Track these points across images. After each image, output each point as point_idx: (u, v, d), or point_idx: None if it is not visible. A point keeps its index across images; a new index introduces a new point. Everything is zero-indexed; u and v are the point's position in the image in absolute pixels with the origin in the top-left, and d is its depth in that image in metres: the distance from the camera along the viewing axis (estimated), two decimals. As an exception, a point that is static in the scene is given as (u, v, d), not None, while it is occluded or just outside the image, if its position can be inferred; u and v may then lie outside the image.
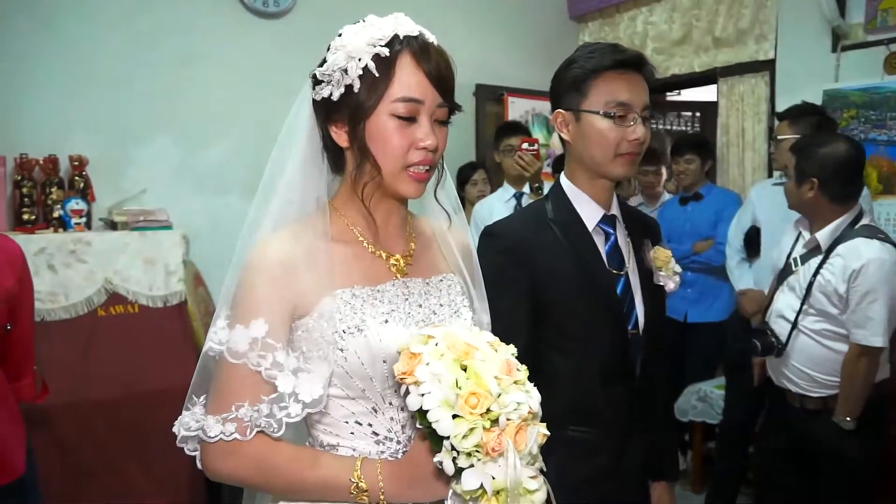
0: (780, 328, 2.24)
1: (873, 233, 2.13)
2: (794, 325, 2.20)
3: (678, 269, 1.57)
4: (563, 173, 1.56)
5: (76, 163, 3.03)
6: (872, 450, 2.18)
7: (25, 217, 2.93)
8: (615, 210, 1.54)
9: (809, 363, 2.18)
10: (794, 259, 2.27)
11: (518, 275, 1.41)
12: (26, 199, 2.95)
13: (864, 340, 2.05)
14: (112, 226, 3.06)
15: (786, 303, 2.25)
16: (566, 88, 1.46)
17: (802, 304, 2.17)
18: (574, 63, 1.45)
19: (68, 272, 2.80)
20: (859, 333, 2.06)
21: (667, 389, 1.72)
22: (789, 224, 2.42)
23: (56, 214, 2.96)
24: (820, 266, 2.15)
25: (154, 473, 2.67)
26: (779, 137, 2.81)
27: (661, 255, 1.55)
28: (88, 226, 3.01)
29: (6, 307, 1.79)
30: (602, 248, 1.50)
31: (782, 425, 2.33)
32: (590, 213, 1.50)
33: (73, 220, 2.94)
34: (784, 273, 2.31)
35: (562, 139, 1.52)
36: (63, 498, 2.36)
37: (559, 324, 1.46)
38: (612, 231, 1.52)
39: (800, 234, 2.32)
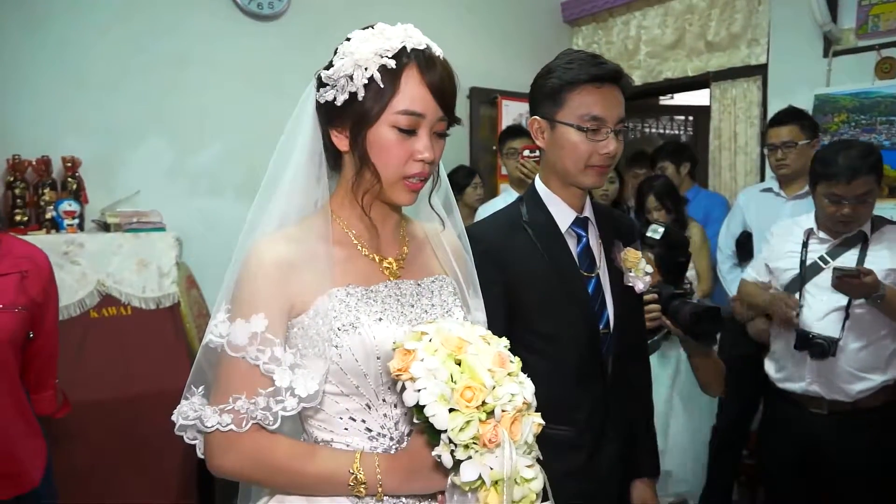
0: (827, 329, 2.18)
1: (885, 219, 2.25)
2: (846, 320, 2.16)
3: (649, 269, 1.60)
4: (537, 176, 1.60)
5: (69, 164, 3.02)
6: (892, 450, 2.19)
7: (18, 218, 2.91)
8: (588, 212, 1.58)
9: (857, 361, 2.16)
10: (822, 257, 2.24)
11: (493, 276, 1.43)
12: (18, 201, 2.93)
13: None
14: (105, 227, 3.05)
15: (825, 303, 2.21)
16: (543, 97, 1.50)
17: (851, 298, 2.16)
18: (552, 72, 1.49)
19: (61, 274, 2.76)
20: None
21: (646, 387, 1.74)
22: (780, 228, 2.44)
23: (48, 216, 2.94)
24: (863, 253, 2.18)
25: (146, 475, 2.65)
26: (799, 143, 2.80)
27: (630, 257, 1.58)
28: (81, 227, 2.99)
29: (29, 315, 1.79)
30: (574, 250, 1.53)
31: (794, 435, 2.29)
32: (563, 215, 1.54)
33: (66, 222, 2.92)
34: (808, 274, 2.26)
35: (537, 145, 1.56)
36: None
37: (532, 324, 1.49)
38: (583, 233, 1.56)
39: (809, 235, 2.30)
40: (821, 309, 2.21)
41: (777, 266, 2.39)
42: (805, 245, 2.29)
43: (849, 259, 2.19)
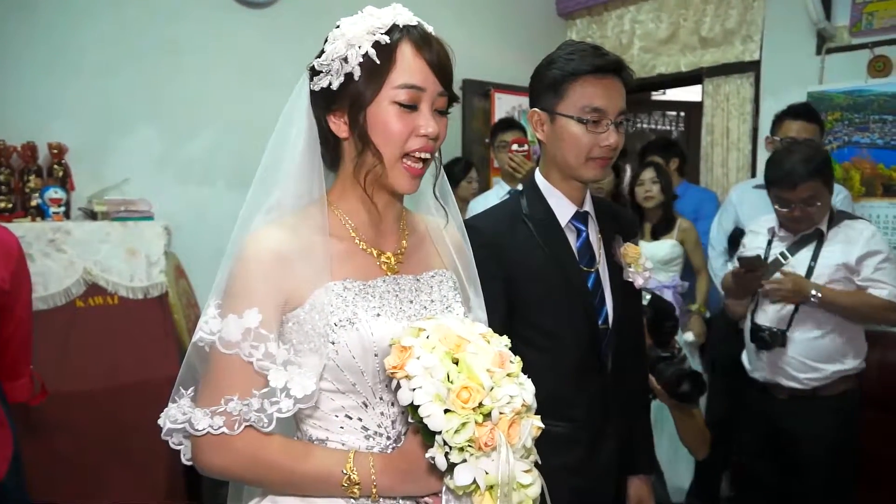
0: (781, 321, 2.29)
1: (847, 215, 2.36)
2: (795, 313, 2.26)
3: (649, 265, 1.60)
4: (537, 169, 1.58)
5: (55, 150, 2.96)
6: (850, 437, 2.29)
7: (2, 205, 2.86)
8: (588, 206, 1.56)
9: (808, 351, 2.26)
10: (782, 253, 2.33)
11: (494, 270, 1.42)
12: (3, 187, 2.87)
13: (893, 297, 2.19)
14: (92, 215, 3.00)
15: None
16: (543, 88, 1.48)
17: None
18: (553, 64, 1.47)
19: (47, 262, 2.74)
20: (886, 291, 2.20)
21: (642, 384, 1.74)
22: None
23: (34, 203, 2.89)
24: (818, 249, 2.27)
25: (132, 467, 2.62)
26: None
27: (630, 252, 1.58)
28: (67, 215, 2.95)
29: None
30: (574, 245, 1.52)
31: (760, 421, 2.39)
32: (563, 209, 1.53)
33: (52, 209, 2.88)
34: (770, 270, 2.34)
35: (537, 137, 1.54)
36: (39, 490, 2.31)
37: (531, 319, 1.48)
38: (583, 228, 1.54)
39: (774, 233, 2.39)
40: (777, 303, 2.31)
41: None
42: (769, 243, 2.39)
43: (804, 255, 2.29)
